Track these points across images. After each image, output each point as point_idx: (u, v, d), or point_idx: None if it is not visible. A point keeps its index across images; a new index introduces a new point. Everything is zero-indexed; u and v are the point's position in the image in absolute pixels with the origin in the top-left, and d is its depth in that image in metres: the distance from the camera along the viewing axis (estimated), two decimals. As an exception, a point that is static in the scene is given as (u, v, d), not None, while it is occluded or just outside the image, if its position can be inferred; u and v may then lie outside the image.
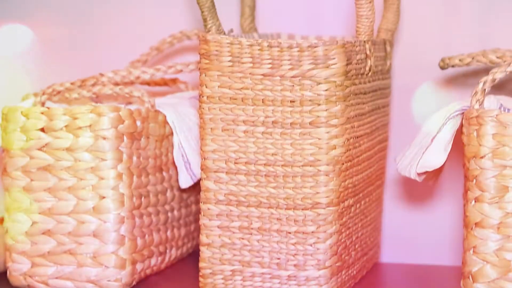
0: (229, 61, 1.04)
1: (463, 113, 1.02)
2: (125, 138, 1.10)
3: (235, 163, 1.05)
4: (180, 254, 1.23)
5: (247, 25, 1.23)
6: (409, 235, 1.29)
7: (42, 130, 1.09)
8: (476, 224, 0.99)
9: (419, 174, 1.06)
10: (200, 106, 1.06)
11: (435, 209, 1.29)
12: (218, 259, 1.06)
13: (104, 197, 1.09)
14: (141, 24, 1.35)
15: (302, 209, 1.03)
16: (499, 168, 0.97)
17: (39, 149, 1.09)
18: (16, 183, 1.10)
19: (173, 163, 1.19)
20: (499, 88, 1.20)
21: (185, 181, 1.17)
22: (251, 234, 1.05)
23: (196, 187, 1.21)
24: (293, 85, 1.02)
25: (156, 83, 1.29)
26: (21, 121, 1.09)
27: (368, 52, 1.08)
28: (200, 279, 1.07)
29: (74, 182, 1.09)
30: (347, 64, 1.03)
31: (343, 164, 1.04)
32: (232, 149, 1.05)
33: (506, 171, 0.97)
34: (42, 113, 1.09)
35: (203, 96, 1.05)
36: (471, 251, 0.99)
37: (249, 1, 1.23)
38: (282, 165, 1.04)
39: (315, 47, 1.02)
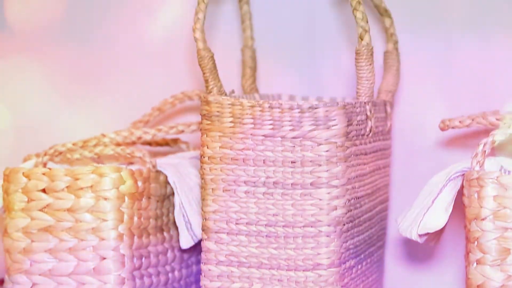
0: (231, 121, 1.04)
1: (463, 174, 1.02)
2: (126, 198, 1.10)
3: (236, 223, 1.05)
4: (181, 315, 1.22)
5: (248, 85, 1.24)
6: (411, 296, 1.29)
7: (44, 191, 1.09)
8: (478, 286, 0.98)
9: (420, 236, 1.05)
10: (201, 166, 1.06)
11: (436, 271, 1.28)
12: (219, 320, 1.06)
13: (104, 258, 1.09)
14: (143, 85, 1.36)
15: (303, 270, 1.03)
16: (501, 230, 0.97)
17: (40, 210, 1.09)
18: (17, 244, 1.10)
19: (174, 223, 1.19)
20: (499, 149, 1.20)
21: (186, 242, 1.16)
22: (252, 295, 1.05)
23: (197, 248, 1.21)
24: (294, 146, 1.03)
25: (158, 143, 1.30)
26: (22, 182, 1.09)
27: (368, 113, 1.09)
28: None
29: (75, 243, 1.09)
30: (347, 125, 1.03)
31: (344, 225, 1.04)
32: (233, 210, 1.05)
33: (507, 233, 0.97)
34: (43, 174, 1.09)
35: (204, 157, 1.06)
36: (474, 314, 0.99)
37: (250, 62, 1.24)
38: (283, 226, 1.04)
39: (315, 108, 1.02)
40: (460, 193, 1.03)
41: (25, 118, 1.38)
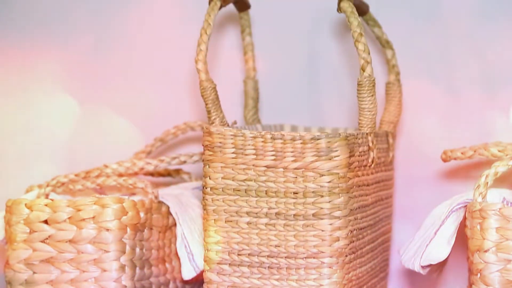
0: (233, 152, 1.05)
1: (466, 206, 1.02)
2: (128, 229, 1.10)
3: (238, 254, 1.05)
4: None
5: (251, 116, 1.24)
6: (414, 328, 1.28)
7: (46, 222, 1.09)
8: (481, 318, 0.98)
9: (423, 267, 1.05)
10: (203, 197, 1.06)
11: (439, 303, 1.28)
12: None
13: (106, 289, 1.09)
14: (145, 116, 1.36)
15: (306, 302, 1.03)
16: (504, 262, 0.97)
17: (42, 241, 1.09)
18: (19, 276, 1.09)
19: (176, 254, 1.18)
20: (501, 181, 1.20)
21: (188, 273, 1.16)
22: (254, 327, 1.04)
23: (199, 279, 1.20)
24: (296, 177, 1.03)
25: (160, 174, 1.30)
26: (24, 213, 1.09)
27: (370, 144, 1.09)
28: None
29: (77, 275, 1.09)
30: (349, 156, 1.03)
31: (346, 256, 1.04)
32: (235, 241, 1.05)
33: (510, 265, 0.97)
34: (46, 205, 1.09)
35: (206, 187, 1.06)
36: None
37: (252, 93, 1.24)
38: (285, 257, 1.03)
39: (318, 139, 1.02)
40: (462, 225, 1.02)
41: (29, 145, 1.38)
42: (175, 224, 1.18)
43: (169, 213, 1.17)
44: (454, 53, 1.27)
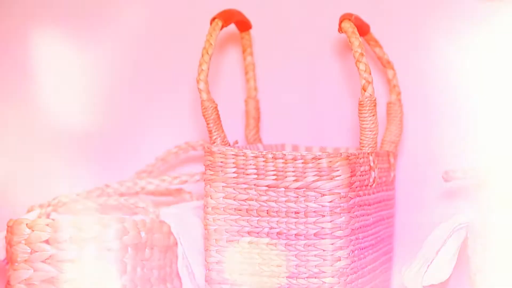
0: (234, 172, 1.05)
1: (467, 226, 1.02)
2: (129, 249, 1.10)
3: (239, 274, 1.04)
4: None
5: (252, 136, 1.24)
6: None
7: (47, 242, 1.09)
8: None
9: (425, 287, 1.05)
10: (204, 217, 1.06)
11: (441, 323, 1.27)
12: None
13: (107, 310, 1.08)
14: (146, 135, 1.36)
15: (307, 322, 1.03)
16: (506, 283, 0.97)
17: (43, 261, 1.09)
18: (19, 296, 1.09)
19: (177, 274, 1.18)
20: (503, 201, 1.20)
21: (190, 293, 1.16)
22: None
23: (200, 299, 1.20)
24: (298, 197, 1.03)
25: (161, 193, 1.30)
26: (25, 233, 1.09)
27: (372, 164, 1.09)
28: None
29: (78, 295, 1.09)
30: (351, 176, 1.03)
31: (348, 276, 1.04)
32: (236, 261, 1.04)
33: (512, 286, 0.97)
34: (47, 225, 1.09)
35: (208, 207, 1.06)
36: None
37: (253, 112, 1.24)
38: (286, 277, 1.03)
39: (319, 159, 1.02)
40: (464, 245, 1.02)
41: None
42: (176, 244, 1.18)
43: (170, 232, 1.17)
44: (455, 73, 1.27)
